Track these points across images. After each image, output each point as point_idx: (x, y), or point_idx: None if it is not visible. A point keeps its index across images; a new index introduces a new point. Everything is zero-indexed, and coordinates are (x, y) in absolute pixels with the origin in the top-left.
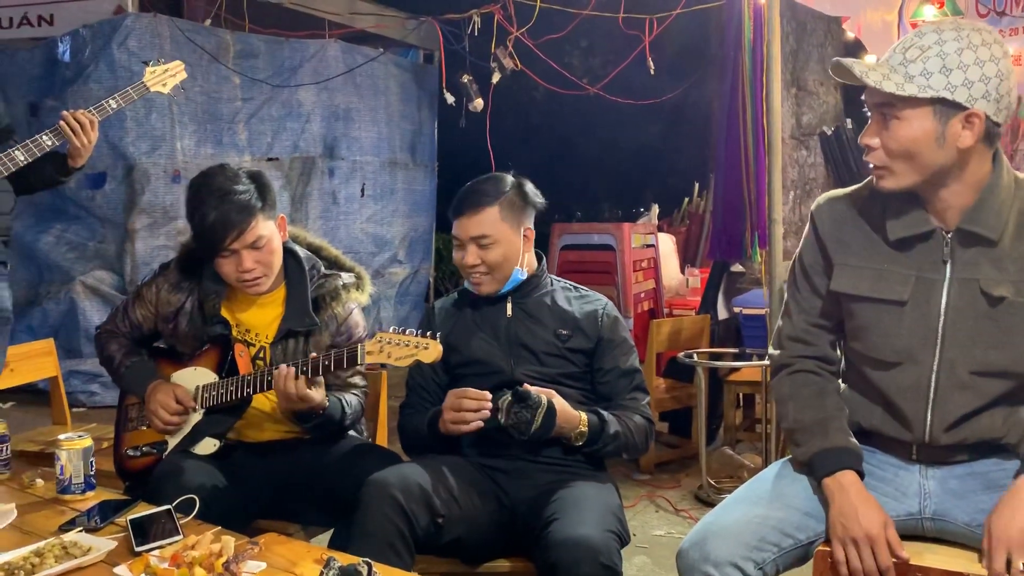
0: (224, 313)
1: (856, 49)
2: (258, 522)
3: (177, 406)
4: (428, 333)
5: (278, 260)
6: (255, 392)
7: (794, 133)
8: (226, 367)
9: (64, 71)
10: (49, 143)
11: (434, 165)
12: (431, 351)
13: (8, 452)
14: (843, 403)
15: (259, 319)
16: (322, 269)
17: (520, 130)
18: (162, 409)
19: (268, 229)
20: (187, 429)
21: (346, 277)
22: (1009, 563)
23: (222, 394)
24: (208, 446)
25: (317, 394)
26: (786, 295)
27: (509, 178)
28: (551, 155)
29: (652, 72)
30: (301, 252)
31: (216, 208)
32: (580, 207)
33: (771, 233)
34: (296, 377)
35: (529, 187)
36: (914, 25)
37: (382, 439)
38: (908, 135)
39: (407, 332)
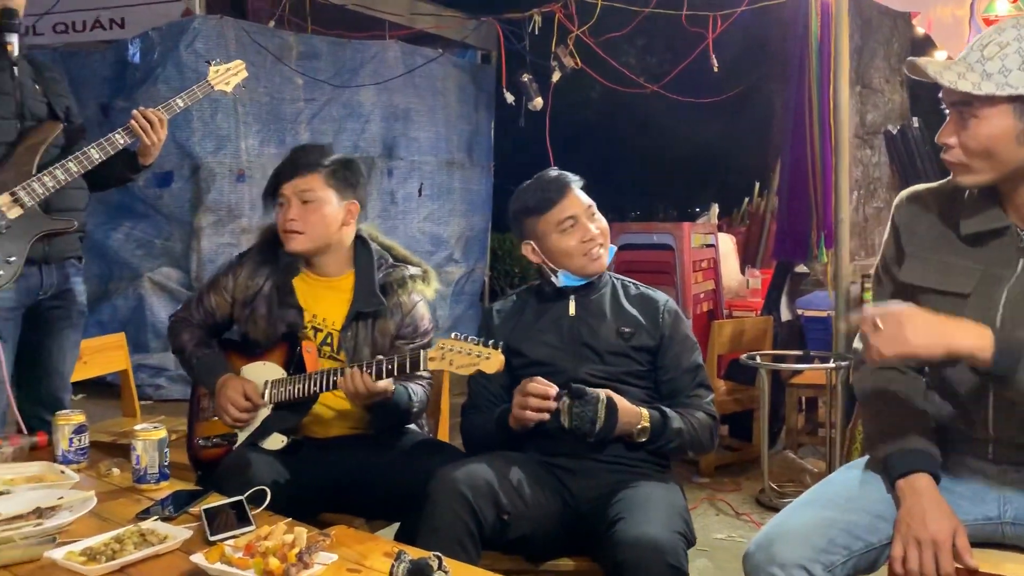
0: (298, 298)
1: (926, 45)
2: (322, 515)
3: (246, 403)
4: (491, 343)
5: (324, 229)
6: (321, 391)
7: (858, 132)
8: (294, 363)
9: (134, 72)
10: (122, 141)
11: (490, 165)
12: (492, 361)
13: (86, 442)
14: (925, 404)
15: (329, 305)
16: (390, 259)
17: (577, 129)
18: (231, 405)
19: (326, 194)
20: (256, 423)
21: (413, 269)
22: None
23: (290, 391)
24: (276, 442)
25: (385, 384)
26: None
27: (556, 169)
28: (608, 154)
29: (716, 69)
30: (372, 245)
31: (288, 159)
32: (638, 207)
33: (838, 233)
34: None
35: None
36: (986, 20)
37: (443, 435)
38: (987, 134)
39: (469, 339)
